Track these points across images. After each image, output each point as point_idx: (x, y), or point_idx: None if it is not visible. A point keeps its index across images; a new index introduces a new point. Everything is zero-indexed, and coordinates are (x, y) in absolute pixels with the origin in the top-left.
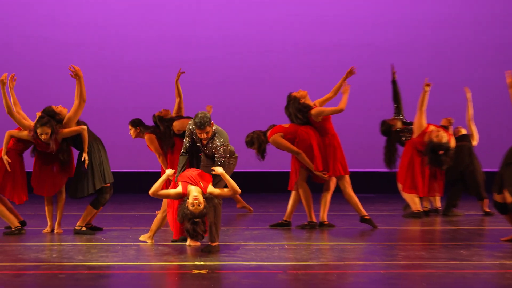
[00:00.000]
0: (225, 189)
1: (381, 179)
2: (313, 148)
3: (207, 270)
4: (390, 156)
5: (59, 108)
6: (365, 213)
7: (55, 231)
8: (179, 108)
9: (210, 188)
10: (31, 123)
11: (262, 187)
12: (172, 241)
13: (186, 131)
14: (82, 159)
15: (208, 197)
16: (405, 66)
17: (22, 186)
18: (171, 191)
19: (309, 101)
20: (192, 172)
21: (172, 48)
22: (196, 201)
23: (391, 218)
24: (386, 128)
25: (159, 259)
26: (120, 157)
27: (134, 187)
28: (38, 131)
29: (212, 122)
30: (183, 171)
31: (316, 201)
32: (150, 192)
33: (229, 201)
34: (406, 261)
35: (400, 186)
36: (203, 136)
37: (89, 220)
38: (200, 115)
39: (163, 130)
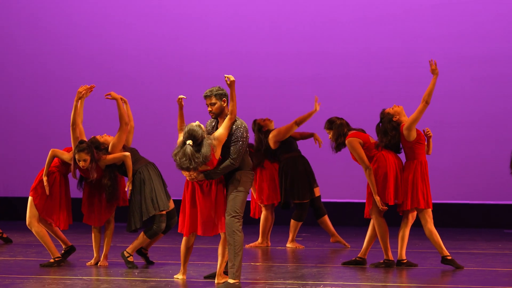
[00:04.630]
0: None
1: None
2: (388, 177)
3: None
4: None
5: (103, 138)
6: (447, 252)
7: (100, 263)
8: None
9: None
10: None
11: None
12: (205, 277)
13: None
14: (126, 189)
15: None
16: None
17: (68, 210)
18: None
19: (405, 117)
20: None
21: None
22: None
23: (502, 257)
24: None
25: None
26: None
27: None
28: (76, 157)
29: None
30: None
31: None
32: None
33: (322, 233)
34: None
35: None
36: (211, 108)
37: (146, 246)
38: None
39: (257, 142)
